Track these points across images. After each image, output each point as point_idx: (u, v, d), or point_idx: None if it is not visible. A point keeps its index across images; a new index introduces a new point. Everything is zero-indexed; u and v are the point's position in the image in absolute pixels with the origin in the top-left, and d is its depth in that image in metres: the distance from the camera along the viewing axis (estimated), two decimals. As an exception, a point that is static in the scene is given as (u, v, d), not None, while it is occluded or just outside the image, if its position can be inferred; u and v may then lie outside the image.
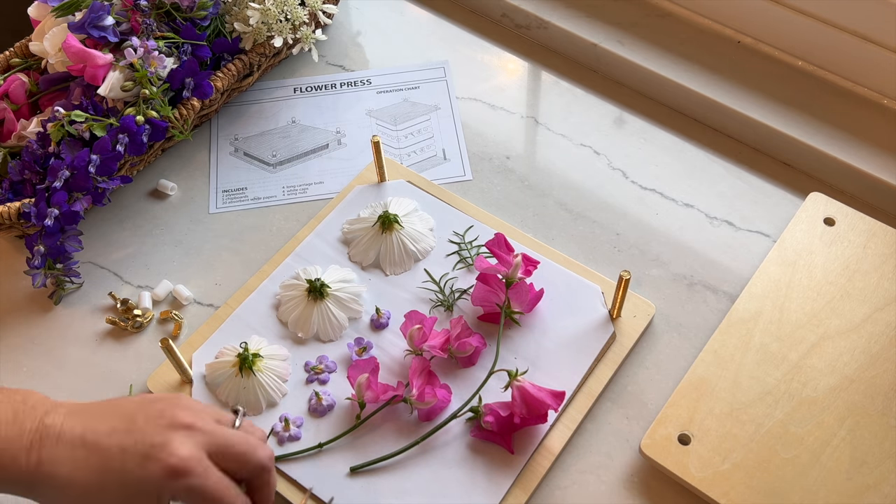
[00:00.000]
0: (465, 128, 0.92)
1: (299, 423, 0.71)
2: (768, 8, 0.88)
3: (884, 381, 0.70)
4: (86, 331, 0.79)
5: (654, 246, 0.82)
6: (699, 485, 0.65)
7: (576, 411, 0.71)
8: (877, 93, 0.87)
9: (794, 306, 0.74)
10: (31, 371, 0.76)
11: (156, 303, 0.80)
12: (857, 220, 0.79)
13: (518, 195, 0.86)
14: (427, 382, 0.69)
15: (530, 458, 0.68)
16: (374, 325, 0.76)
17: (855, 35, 0.85)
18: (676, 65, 0.91)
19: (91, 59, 0.81)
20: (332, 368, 0.74)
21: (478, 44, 1.00)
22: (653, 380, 0.74)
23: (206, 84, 0.84)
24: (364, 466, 0.68)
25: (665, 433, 0.68)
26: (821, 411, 0.68)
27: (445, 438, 0.69)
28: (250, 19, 0.87)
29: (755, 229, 0.82)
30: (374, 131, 0.92)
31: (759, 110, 0.87)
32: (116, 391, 0.75)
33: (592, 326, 0.74)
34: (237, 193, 0.88)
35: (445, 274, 0.79)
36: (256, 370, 0.71)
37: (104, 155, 0.79)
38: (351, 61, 0.99)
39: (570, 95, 0.94)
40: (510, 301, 0.73)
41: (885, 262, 0.76)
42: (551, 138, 0.90)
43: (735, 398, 0.69)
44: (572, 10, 0.97)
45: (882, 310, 0.73)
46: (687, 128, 0.90)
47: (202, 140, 0.92)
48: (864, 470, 0.65)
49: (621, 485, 0.69)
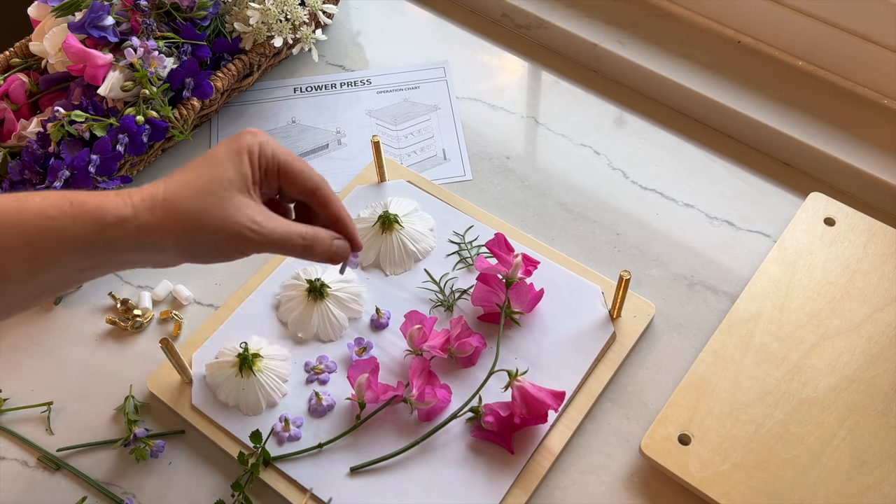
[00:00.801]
0: (465, 128, 0.92)
1: (299, 423, 0.71)
2: (768, 8, 0.88)
3: (884, 381, 0.70)
4: (86, 331, 0.79)
5: (654, 246, 0.82)
6: (699, 485, 0.65)
7: (576, 411, 0.71)
8: (877, 93, 0.87)
9: (794, 306, 0.74)
10: (31, 371, 0.76)
11: (156, 303, 0.80)
12: (858, 220, 0.79)
13: (518, 195, 0.86)
14: (427, 382, 0.69)
15: (530, 458, 0.68)
16: (374, 325, 0.76)
17: (855, 35, 0.85)
18: (676, 65, 0.91)
19: (91, 59, 0.81)
20: (332, 368, 0.74)
21: (478, 44, 1.00)
22: (653, 380, 0.74)
23: (206, 84, 0.84)
24: (364, 466, 0.68)
25: (665, 433, 0.68)
26: (821, 411, 0.68)
27: (445, 438, 0.69)
28: (250, 19, 0.87)
29: (755, 229, 0.82)
30: (374, 131, 0.92)
31: (759, 110, 0.87)
32: (116, 391, 0.75)
33: (592, 326, 0.74)
34: (237, 193, 0.88)
35: (445, 274, 0.79)
36: (256, 370, 0.71)
37: (104, 155, 0.79)
38: (351, 61, 0.99)
39: (570, 95, 0.94)
40: (510, 301, 0.73)
41: (885, 262, 0.76)
42: (551, 138, 0.90)
43: (735, 398, 0.69)
44: (572, 10, 0.97)
45: (882, 310, 0.73)
46: (687, 128, 0.90)
47: (202, 140, 0.92)
48: (864, 470, 0.65)
49: (621, 485, 0.69)
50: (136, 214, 0.54)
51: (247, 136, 0.58)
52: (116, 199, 0.54)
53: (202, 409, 0.72)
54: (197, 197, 0.55)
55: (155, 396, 0.74)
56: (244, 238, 0.56)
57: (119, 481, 0.71)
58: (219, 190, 0.56)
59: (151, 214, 0.54)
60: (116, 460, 0.72)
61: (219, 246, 0.57)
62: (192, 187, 0.56)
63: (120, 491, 0.70)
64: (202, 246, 0.57)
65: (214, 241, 0.56)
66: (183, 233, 0.55)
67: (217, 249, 0.57)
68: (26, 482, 0.71)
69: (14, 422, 0.74)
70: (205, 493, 0.70)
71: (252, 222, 0.56)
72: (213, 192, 0.56)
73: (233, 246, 0.57)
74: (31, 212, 0.53)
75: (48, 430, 0.73)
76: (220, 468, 0.71)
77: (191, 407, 0.72)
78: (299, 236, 0.59)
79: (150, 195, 0.55)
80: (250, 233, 0.56)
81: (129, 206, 0.54)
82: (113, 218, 0.54)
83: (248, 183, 0.57)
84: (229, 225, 0.56)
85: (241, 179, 0.57)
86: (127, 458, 0.71)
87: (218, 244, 0.57)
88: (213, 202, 0.55)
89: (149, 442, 0.71)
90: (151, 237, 0.55)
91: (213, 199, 0.55)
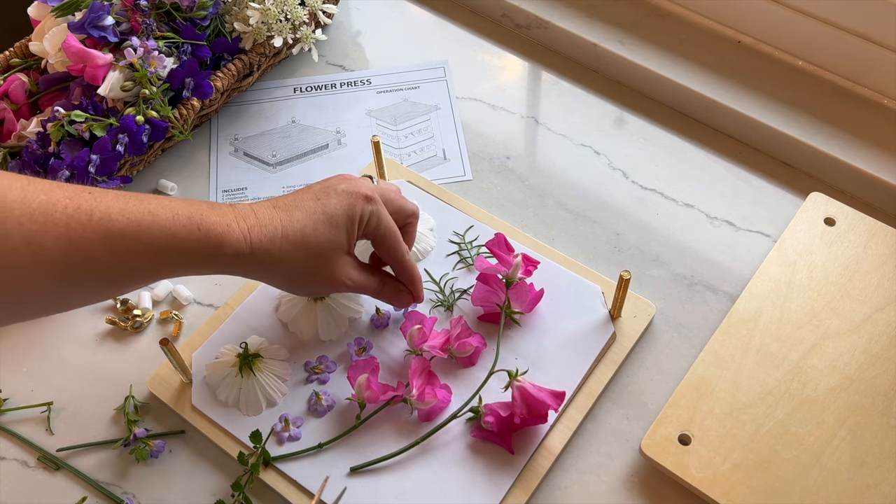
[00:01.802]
0: (465, 128, 0.92)
1: (299, 424, 0.71)
2: (768, 8, 0.88)
3: (884, 381, 0.70)
4: (86, 331, 0.79)
5: (655, 246, 0.82)
6: (699, 485, 0.65)
7: (576, 411, 0.71)
8: (877, 93, 0.87)
9: (794, 306, 0.74)
10: (31, 371, 0.76)
11: (156, 303, 0.80)
12: (858, 220, 0.79)
13: (518, 195, 0.86)
14: (427, 382, 0.69)
15: (530, 458, 0.68)
16: (374, 325, 0.76)
17: (855, 35, 0.85)
18: (676, 65, 0.91)
19: (91, 59, 0.81)
20: (332, 368, 0.74)
21: (478, 44, 1.00)
22: (653, 380, 0.74)
23: (206, 84, 0.84)
24: (364, 466, 0.68)
25: (665, 433, 0.68)
26: (821, 411, 0.68)
27: (445, 438, 0.69)
28: (250, 19, 0.87)
29: (755, 229, 0.82)
30: (374, 131, 0.92)
31: (759, 110, 0.87)
32: (116, 391, 0.75)
33: (592, 326, 0.74)
34: (237, 193, 0.88)
35: (445, 274, 0.79)
36: (256, 370, 0.71)
37: (104, 155, 0.79)
38: (351, 61, 0.99)
39: (570, 95, 0.94)
40: (510, 301, 0.73)
41: (885, 262, 0.76)
42: (551, 138, 0.90)
43: (735, 398, 0.69)
44: (572, 10, 0.97)
45: (882, 310, 0.73)
46: (687, 128, 0.90)
47: (202, 140, 0.92)
48: (864, 470, 0.65)
49: (621, 485, 0.69)
50: (253, 253, 0.61)
51: (365, 203, 0.65)
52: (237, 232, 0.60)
53: (202, 409, 0.72)
54: (310, 259, 0.64)
55: (155, 396, 0.74)
56: (340, 286, 0.67)
57: (119, 481, 0.71)
58: (330, 255, 0.65)
59: (267, 257, 0.62)
60: (116, 460, 0.72)
61: (316, 291, 0.71)
62: (307, 246, 0.63)
63: (120, 491, 0.70)
64: (301, 289, 0.69)
65: (314, 289, 0.70)
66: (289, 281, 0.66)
67: (314, 293, 0.72)
68: (26, 482, 0.71)
69: (14, 422, 0.74)
70: (205, 493, 0.70)
71: (349, 279, 0.67)
72: (326, 258, 0.65)
73: (328, 291, 0.71)
74: (161, 229, 0.58)
75: (48, 430, 0.73)
76: (220, 468, 0.71)
77: (191, 407, 0.72)
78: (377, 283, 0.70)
79: (269, 237, 0.62)
80: (345, 287, 0.67)
81: (247, 244, 0.61)
82: (231, 251, 0.60)
83: (351, 247, 0.67)
84: (332, 280, 0.66)
85: (349, 244, 0.66)
86: (127, 458, 0.71)
87: (316, 291, 0.71)
88: (323, 266, 0.65)
89: (149, 442, 0.71)
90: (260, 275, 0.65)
91: (324, 264, 0.65)
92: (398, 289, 0.71)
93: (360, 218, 0.65)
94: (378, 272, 0.71)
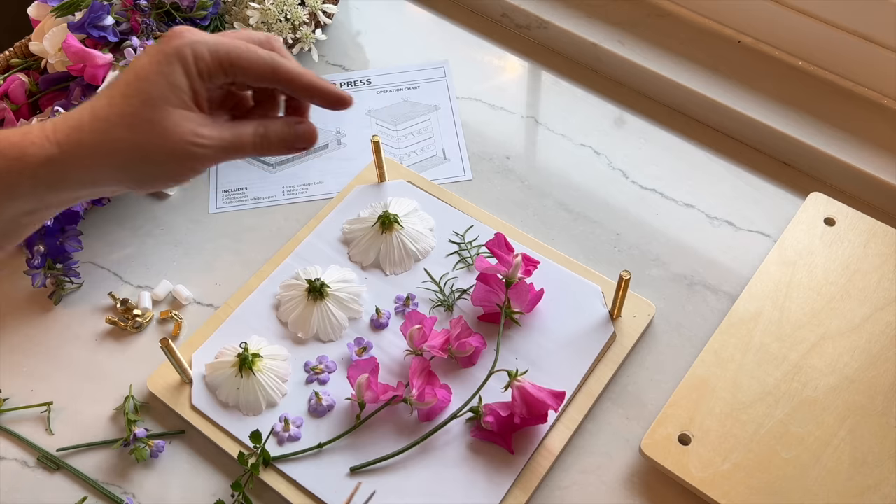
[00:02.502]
0: (465, 128, 0.92)
1: (299, 424, 0.71)
2: (768, 8, 0.88)
3: (884, 381, 0.70)
4: (86, 331, 0.79)
5: (655, 246, 0.82)
6: (699, 485, 0.65)
7: (576, 411, 0.71)
8: (877, 93, 0.87)
9: (794, 306, 0.74)
10: (31, 371, 0.76)
11: (156, 303, 0.80)
12: (858, 220, 0.79)
13: (518, 195, 0.86)
14: (427, 382, 0.69)
15: (530, 458, 0.68)
16: (374, 325, 0.76)
17: (855, 35, 0.85)
18: (676, 65, 0.91)
19: (91, 59, 0.81)
20: (332, 368, 0.74)
21: (478, 44, 1.00)
22: (653, 380, 0.74)
23: (205, 84, 0.84)
24: (364, 466, 0.68)
25: (665, 433, 0.68)
26: (821, 411, 0.68)
27: (445, 438, 0.69)
28: (250, 19, 0.87)
29: (755, 229, 0.82)
30: (374, 131, 0.92)
31: (759, 110, 0.87)
32: (116, 391, 0.75)
33: (592, 326, 0.74)
34: (237, 193, 0.88)
35: (445, 274, 0.79)
36: (256, 370, 0.71)
37: (104, 155, 0.79)
38: (351, 61, 0.99)
39: (570, 95, 0.94)
40: (510, 301, 0.73)
41: (885, 262, 0.76)
42: (551, 138, 0.90)
43: (735, 398, 0.69)
44: (572, 10, 0.97)
45: (882, 310, 0.73)
46: (687, 128, 0.90)
47: (202, 140, 0.92)
48: (864, 470, 0.65)
49: (621, 485, 0.69)
50: (63, 150, 0.50)
51: (174, 39, 0.51)
52: (37, 135, 0.50)
53: (202, 409, 0.72)
54: (130, 127, 0.50)
55: (155, 396, 0.73)
56: (191, 155, 0.52)
57: (119, 481, 0.71)
58: (152, 115, 0.50)
59: (79, 148, 0.50)
60: (116, 460, 0.72)
61: (167, 172, 0.53)
62: (122, 115, 0.50)
63: (120, 491, 0.70)
64: (148, 175, 0.53)
65: (162, 170, 0.52)
66: (123, 167, 0.52)
67: (167, 175, 0.53)
68: (26, 482, 0.71)
69: (14, 422, 0.74)
70: (205, 493, 0.70)
71: (195, 136, 0.51)
72: (148, 119, 0.50)
73: (184, 167, 0.52)
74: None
75: (48, 430, 0.73)
76: (219, 468, 0.71)
77: (191, 407, 0.72)
78: (251, 133, 0.54)
79: (76, 125, 0.50)
80: (196, 147, 0.51)
81: (52, 143, 0.50)
82: (37, 159, 0.49)
83: (185, 96, 0.51)
84: (172, 149, 0.51)
85: (175, 94, 0.51)
86: (127, 458, 0.71)
87: (166, 171, 0.53)
88: (149, 130, 0.50)
89: (149, 442, 0.71)
90: (88, 174, 0.51)
91: (150, 127, 0.50)
92: (288, 123, 0.56)
93: (180, 55, 0.51)
94: (248, 122, 0.55)
